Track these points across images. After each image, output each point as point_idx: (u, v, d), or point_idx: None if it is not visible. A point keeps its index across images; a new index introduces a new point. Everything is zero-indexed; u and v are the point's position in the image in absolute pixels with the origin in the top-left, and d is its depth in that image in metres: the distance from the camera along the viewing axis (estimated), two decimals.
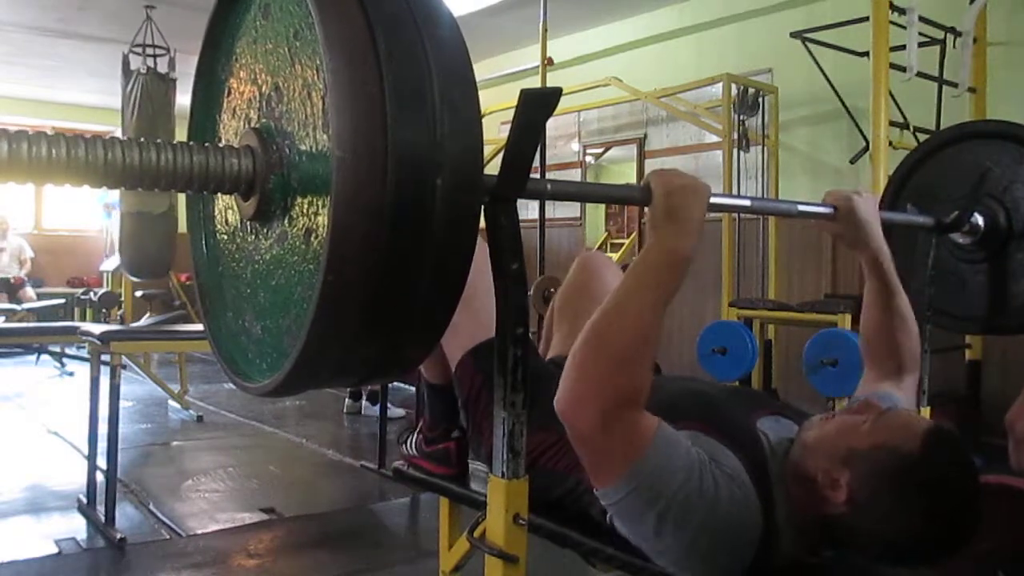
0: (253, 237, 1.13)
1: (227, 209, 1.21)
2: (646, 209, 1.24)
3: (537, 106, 1.05)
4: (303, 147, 1.01)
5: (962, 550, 1.08)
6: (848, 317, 3.87)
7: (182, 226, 6.36)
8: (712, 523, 1.09)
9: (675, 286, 1.14)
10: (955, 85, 4.12)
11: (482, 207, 1.05)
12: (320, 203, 0.97)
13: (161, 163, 0.94)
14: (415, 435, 1.84)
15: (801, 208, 1.52)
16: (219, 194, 1.13)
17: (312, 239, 0.99)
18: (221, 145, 1.03)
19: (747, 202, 1.52)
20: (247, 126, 1.12)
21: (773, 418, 1.29)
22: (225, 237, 1.23)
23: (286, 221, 1.04)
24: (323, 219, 0.96)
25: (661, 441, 1.10)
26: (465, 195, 0.95)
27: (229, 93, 1.19)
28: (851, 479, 1.10)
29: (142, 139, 0.95)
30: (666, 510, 1.09)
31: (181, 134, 1.34)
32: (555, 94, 1.05)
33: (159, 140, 0.95)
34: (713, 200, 1.26)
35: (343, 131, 0.88)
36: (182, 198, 1.30)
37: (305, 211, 1.01)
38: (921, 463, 1.07)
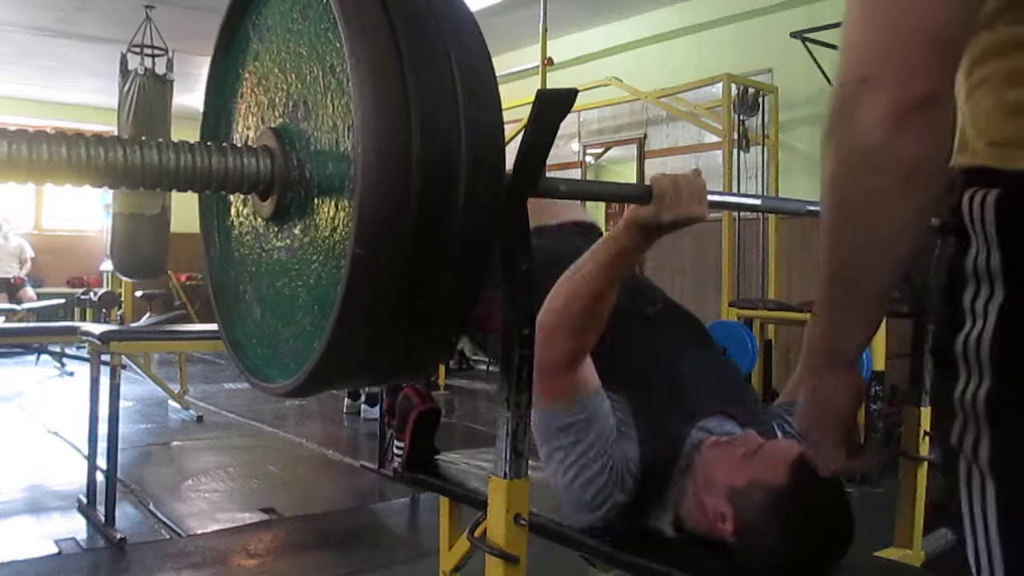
0: (271, 237, 1.12)
1: (243, 207, 1.20)
2: None
3: (553, 107, 1.05)
4: (323, 149, 1.00)
5: (840, 557, 1.25)
6: None
7: (175, 227, 6.27)
8: (591, 472, 1.33)
9: (624, 272, 1.31)
10: None
11: None
12: (341, 207, 0.97)
13: (180, 164, 0.94)
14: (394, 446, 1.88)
15: (810, 208, 1.51)
16: (236, 193, 1.12)
17: (333, 244, 0.99)
18: (238, 144, 1.02)
19: (757, 201, 1.52)
20: (272, 112, 1.11)
21: (722, 419, 1.42)
22: (241, 236, 1.22)
23: (305, 223, 1.04)
24: (344, 225, 0.95)
25: (597, 401, 1.34)
26: (488, 203, 0.95)
27: (257, 57, 1.18)
28: (735, 514, 1.26)
29: (160, 140, 0.94)
30: (570, 447, 1.33)
31: (176, 135, 1.32)
32: (571, 95, 1.06)
33: (179, 141, 0.94)
34: (721, 199, 1.26)
35: (368, 143, 0.88)
36: (176, 199, 1.29)
37: (325, 214, 1.00)
38: (789, 492, 1.22)
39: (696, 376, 1.45)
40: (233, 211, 1.24)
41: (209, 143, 0.99)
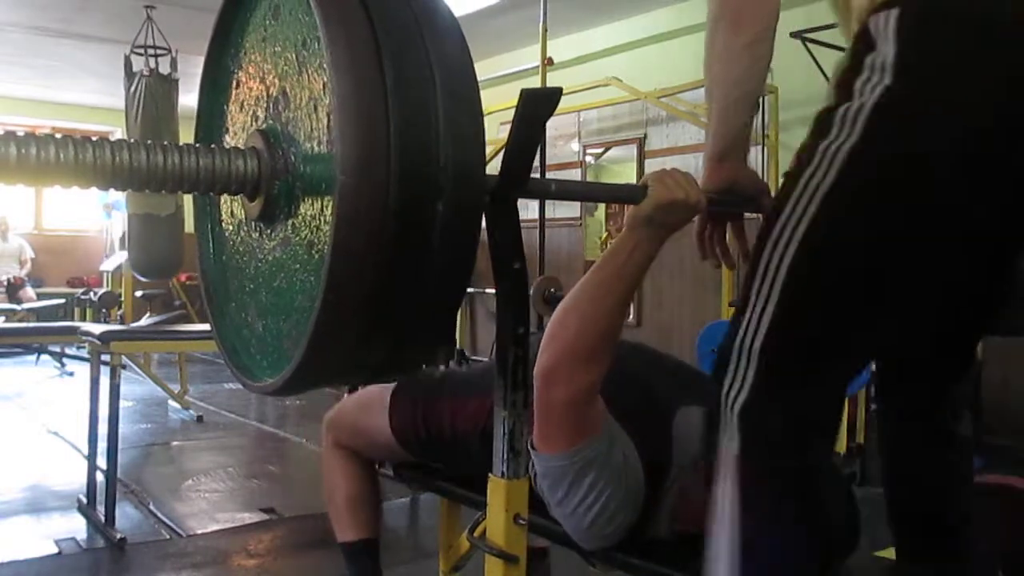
0: (258, 236, 1.13)
1: (233, 204, 1.21)
2: None
3: (538, 106, 1.06)
4: (308, 154, 1.01)
5: (850, 552, 1.24)
6: None
7: (189, 227, 6.33)
8: (614, 504, 1.27)
9: (637, 284, 1.24)
10: None
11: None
12: (323, 210, 0.97)
13: (167, 165, 0.94)
14: None
15: None
16: (225, 195, 1.12)
17: (314, 251, 0.99)
18: (227, 147, 1.03)
19: None
20: (254, 124, 1.12)
21: (697, 412, 1.40)
22: (231, 231, 1.23)
23: (290, 226, 1.04)
24: (325, 231, 0.95)
25: (606, 435, 1.27)
26: (466, 217, 0.95)
27: (238, 86, 1.19)
28: None
29: (148, 141, 0.95)
30: (592, 485, 1.25)
31: (185, 134, 1.34)
32: (555, 94, 1.06)
33: (165, 143, 0.95)
34: (721, 199, 1.26)
35: (347, 155, 0.88)
36: (189, 199, 1.30)
37: (308, 218, 1.00)
38: None
39: (659, 375, 1.45)
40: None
41: (196, 145, 1.00)
